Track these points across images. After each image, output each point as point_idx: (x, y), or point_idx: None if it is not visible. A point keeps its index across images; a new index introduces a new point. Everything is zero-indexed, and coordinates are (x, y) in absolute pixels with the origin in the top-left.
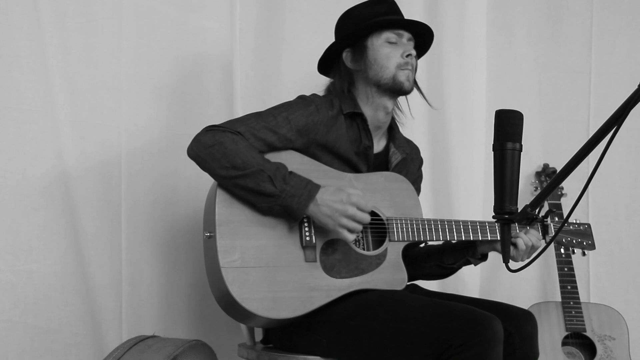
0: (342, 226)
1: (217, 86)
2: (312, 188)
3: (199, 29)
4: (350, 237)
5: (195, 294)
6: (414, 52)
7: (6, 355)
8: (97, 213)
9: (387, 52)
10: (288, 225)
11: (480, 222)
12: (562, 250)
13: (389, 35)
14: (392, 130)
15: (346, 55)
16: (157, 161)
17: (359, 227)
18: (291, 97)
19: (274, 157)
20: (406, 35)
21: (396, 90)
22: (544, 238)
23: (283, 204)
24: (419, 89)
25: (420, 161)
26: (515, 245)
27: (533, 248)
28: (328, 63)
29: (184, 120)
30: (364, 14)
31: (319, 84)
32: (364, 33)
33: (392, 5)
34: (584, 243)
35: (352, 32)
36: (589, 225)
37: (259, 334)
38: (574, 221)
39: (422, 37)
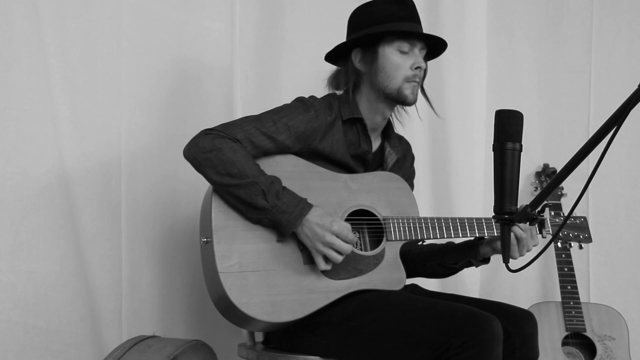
0: (318, 252)
1: (217, 86)
2: (303, 207)
3: (199, 29)
4: (323, 265)
5: (195, 294)
6: (424, 65)
7: (6, 355)
8: (97, 213)
9: (397, 61)
10: None
11: (477, 219)
12: (559, 244)
13: (401, 44)
14: (387, 129)
15: (355, 54)
16: (157, 161)
17: (338, 258)
18: (291, 97)
19: (269, 160)
20: (419, 44)
21: (400, 101)
22: (540, 232)
23: (272, 219)
24: (426, 96)
25: (412, 158)
26: None
27: (521, 241)
28: (336, 53)
29: (184, 120)
30: (380, 13)
31: (319, 84)
32: (376, 37)
33: (411, 9)
34: (581, 236)
35: (364, 35)
36: (584, 218)
37: (259, 335)
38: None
39: (435, 44)
